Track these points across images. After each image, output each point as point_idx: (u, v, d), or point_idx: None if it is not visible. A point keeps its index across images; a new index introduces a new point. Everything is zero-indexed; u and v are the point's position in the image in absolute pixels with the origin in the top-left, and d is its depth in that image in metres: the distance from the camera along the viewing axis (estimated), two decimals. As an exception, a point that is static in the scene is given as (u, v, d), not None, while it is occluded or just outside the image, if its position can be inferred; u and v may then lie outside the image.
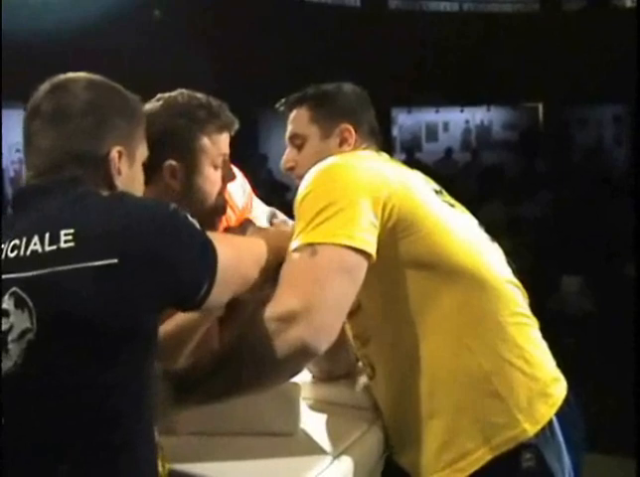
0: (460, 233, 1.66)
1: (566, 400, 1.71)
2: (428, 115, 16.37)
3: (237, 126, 1.83)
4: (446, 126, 17.09)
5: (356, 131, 1.85)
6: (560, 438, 1.66)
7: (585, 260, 6.76)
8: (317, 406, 1.76)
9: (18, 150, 11.95)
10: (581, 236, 7.33)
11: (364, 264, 1.53)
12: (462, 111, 15.85)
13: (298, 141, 1.88)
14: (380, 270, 1.56)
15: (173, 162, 1.71)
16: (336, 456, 1.52)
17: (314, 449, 1.55)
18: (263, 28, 10.65)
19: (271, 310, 1.46)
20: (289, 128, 1.91)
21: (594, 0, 13.38)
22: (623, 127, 15.01)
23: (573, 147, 14.03)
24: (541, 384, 1.66)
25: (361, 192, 1.55)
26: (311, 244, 1.51)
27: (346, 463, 1.52)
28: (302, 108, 1.88)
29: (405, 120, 16.10)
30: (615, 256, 6.90)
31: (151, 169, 1.57)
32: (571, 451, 1.68)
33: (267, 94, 11.02)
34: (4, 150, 9.54)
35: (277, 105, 1.93)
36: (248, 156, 12.03)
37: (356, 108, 1.88)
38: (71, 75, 1.43)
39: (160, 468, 1.36)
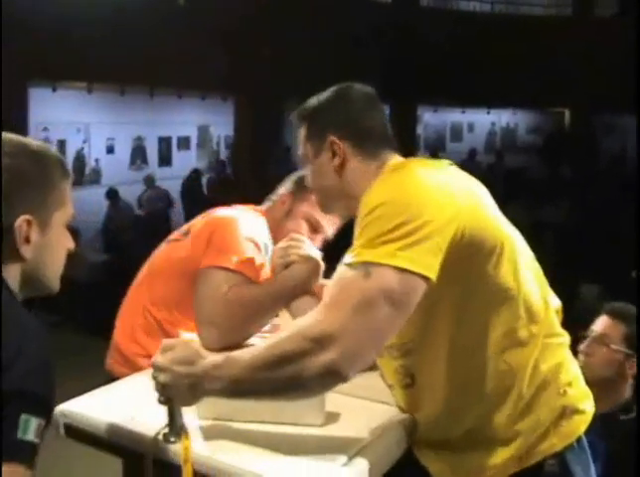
0: (519, 254, 1.63)
1: (595, 416, 1.71)
2: (454, 115, 16.34)
3: None
4: (471, 127, 17.04)
5: (351, 139, 1.72)
6: (589, 454, 1.68)
7: (605, 268, 6.72)
8: (341, 400, 1.75)
9: (45, 128, 12.06)
10: (601, 243, 7.28)
11: (422, 288, 1.45)
12: (489, 113, 15.79)
13: (303, 161, 1.84)
14: (433, 287, 1.49)
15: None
16: (351, 457, 1.51)
17: (330, 448, 1.54)
18: (291, 19, 10.65)
19: (309, 328, 1.42)
20: None
21: (626, 7, 13.27)
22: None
23: (599, 154, 13.95)
24: (572, 399, 1.67)
25: (432, 213, 1.47)
26: (368, 264, 1.43)
27: (360, 465, 1.51)
28: (301, 128, 1.82)
29: (431, 119, 16.07)
30: (635, 265, 6.84)
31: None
32: (603, 465, 1.67)
33: (293, 86, 11.10)
34: (31, 129, 9.60)
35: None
36: (272, 148, 12.08)
37: (351, 117, 1.75)
38: None
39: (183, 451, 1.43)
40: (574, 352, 1.77)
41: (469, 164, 12.82)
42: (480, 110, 15.70)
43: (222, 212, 2.24)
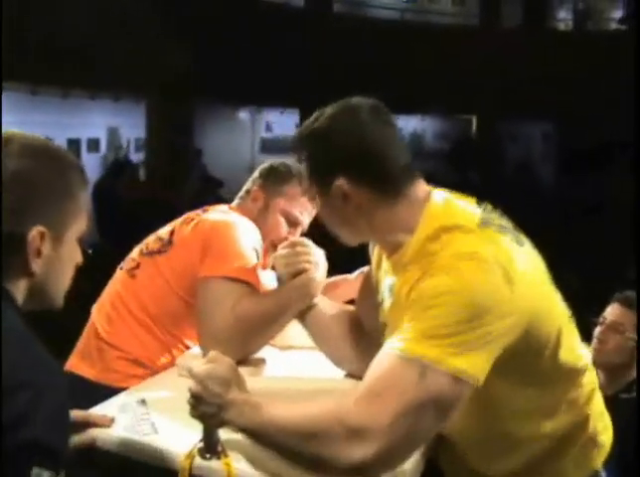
0: (564, 326, 1.55)
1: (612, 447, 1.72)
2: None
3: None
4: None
5: (368, 183, 1.50)
6: None
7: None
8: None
9: None
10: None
11: (469, 392, 1.36)
12: (397, 119, 15.98)
13: (310, 197, 1.68)
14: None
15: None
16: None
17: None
18: (206, 21, 10.56)
19: (349, 414, 1.33)
20: None
21: (531, 19, 13.71)
22: (551, 144, 15.45)
23: (504, 161, 14.35)
24: (593, 432, 1.65)
25: (496, 316, 1.34)
26: (425, 363, 1.32)
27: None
28: (302, 160, 1.58)
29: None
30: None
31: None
32: None
33: (204, 88, 10.94)
34: None
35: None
36: (183, 151, 11.93)
37: (355, 149, 1.49)
38: (9, 133, 1.27)
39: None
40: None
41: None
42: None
43: (212, 216, 2.16)
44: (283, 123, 15.43)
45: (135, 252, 2.21)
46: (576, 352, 1.60)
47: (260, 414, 1.39)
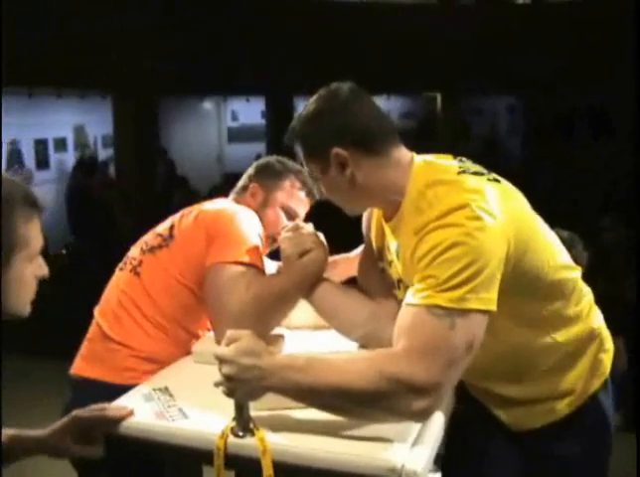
0: (551, 244, 1.75)
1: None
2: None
3: None
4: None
5: (356, 145, 1.68)
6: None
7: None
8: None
9: None
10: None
11: (486, 324, 1.54)
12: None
13: (313, 177, 1.83)
14: None
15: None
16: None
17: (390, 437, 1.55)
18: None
19: (403, 374, 1.46)
20: None
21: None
22: (516, 117, 15.60)
23: (471, 137, 14.46)
24: (600, 339, 1.84)
25: (495, 248, 1.53)
26: (451, 311, 1.48)
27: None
28: (297, 148, 1.78)
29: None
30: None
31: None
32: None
33: (171, 84, 10.82)
34: None
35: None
36: (148, 149, 11.87)
37: (348, 122, 1.69)
38: None
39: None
40: None
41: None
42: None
43: (213, 206, 2.20)
44: (249, 111, 15.38)
45: (135, 252, 2.22)
46: (570, 266, 1.80)
47: (306, 376, 1.48)
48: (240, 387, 1.49)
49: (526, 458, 1.87)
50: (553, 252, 1.74)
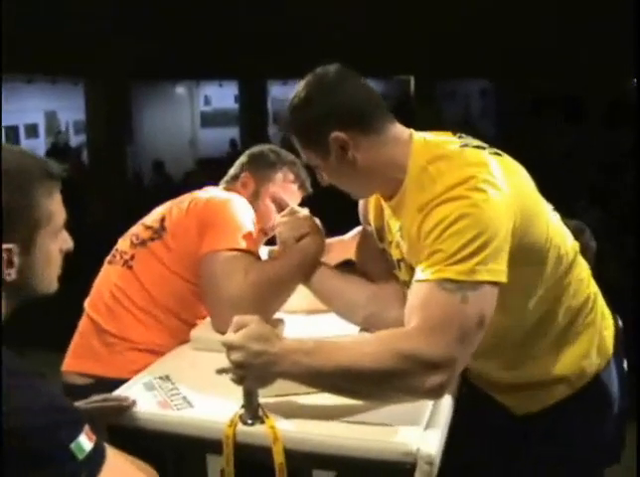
0: (551, 216, 1.75)
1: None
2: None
3: None
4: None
5: (354, 126, 1.64)
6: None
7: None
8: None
9: None
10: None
11: (496, 297, 1.52)
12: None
13: (314, 165, 1.78)
14: None
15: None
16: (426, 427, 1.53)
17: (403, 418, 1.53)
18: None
19: (419, 351, 1.44)
20: None
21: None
22: (489, 100, 15.65)
23: (443, 119, 14.48)
24: (602, 312, 1.86)
25: (502, 220, 1.52)
26: (462, 284, 1.46)
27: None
28: (293, 138, 1.74)
29: (279, 93, 16.12)
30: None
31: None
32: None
33: (143, 69, 10.77)
34: None
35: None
36: (122, 132, 11.79)
37: (342, 103, 1.65)
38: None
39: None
40: None
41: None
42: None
43: (204, 195, 2.17)
44: (222, 96, 15.31)
45: (124, 245, 2.18)
46: (569, 236, 1.81)
47: (317, 359, 1.46)
48: (251, 373, 1.46)
49: (528, 438, 1.87)
50: (554, 227, 1.74)
